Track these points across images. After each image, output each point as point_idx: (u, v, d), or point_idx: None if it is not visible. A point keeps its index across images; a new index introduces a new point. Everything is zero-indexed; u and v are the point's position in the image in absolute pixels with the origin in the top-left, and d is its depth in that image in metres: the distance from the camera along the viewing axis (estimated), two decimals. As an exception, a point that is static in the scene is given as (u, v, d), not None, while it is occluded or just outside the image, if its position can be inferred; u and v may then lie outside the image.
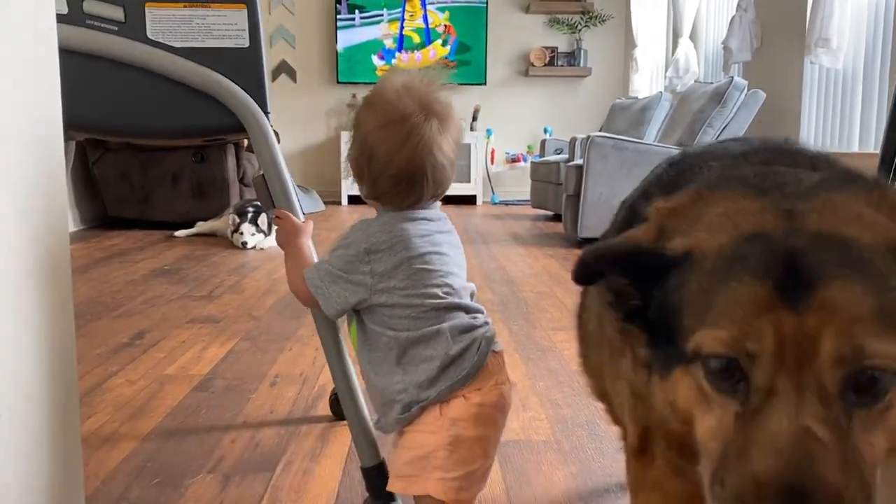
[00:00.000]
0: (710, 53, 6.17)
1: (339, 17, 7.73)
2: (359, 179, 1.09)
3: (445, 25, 7.85)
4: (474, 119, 7.88)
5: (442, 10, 7.82)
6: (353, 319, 1.13)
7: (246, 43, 1.18)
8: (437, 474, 1.02)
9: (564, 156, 6.39)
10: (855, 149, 4.18)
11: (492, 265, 3.96)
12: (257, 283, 3.37)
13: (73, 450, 0.96)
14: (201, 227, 4.94)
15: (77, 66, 1.11)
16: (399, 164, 1.04)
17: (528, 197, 7.06)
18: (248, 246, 4.37)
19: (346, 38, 7.78)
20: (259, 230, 4.42)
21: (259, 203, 2.11)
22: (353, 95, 7.85)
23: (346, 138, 7.51)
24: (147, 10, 1.14)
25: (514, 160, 8.02)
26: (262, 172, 1.22)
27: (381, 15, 7.80)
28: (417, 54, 7.85)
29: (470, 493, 1.05)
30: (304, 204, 1.24)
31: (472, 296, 1.14)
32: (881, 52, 3.88)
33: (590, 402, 1.90)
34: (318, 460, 1.55)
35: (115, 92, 1.16)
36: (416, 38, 7.87)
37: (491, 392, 1.05)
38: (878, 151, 1.54)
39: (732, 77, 4.55)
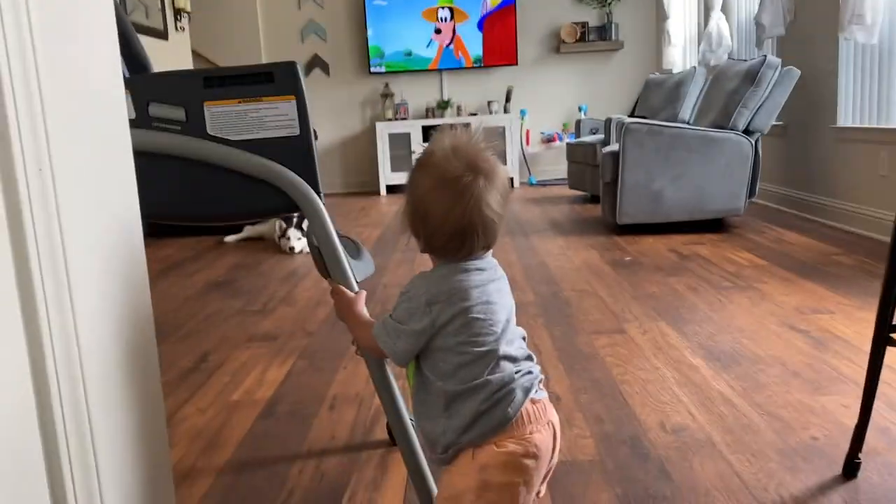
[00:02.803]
0: (742, 27, 6.09)
1: (367, 4, 7.77)
2: (415, 235, 1.18)
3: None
4: (507, 100, 7.91)
5: (470, -7, 7.81)
6: (412, 364, 1.22)
7: (297, 131, 1.29)
8: None
9: (600, 136, 6.40)
10: (894, 124, 4.14)
11: (532, 261, 4.04)
12: (308, 294, 3.51)
13: (167, 490, 1.09)
14: (249, 231, 5.11)
15: (149, 163, 1.22)
16: (452, 221, 1.12)
17: (564, 176, 7.09)
18: (296, 251, 4.52)
19: (376, 28, 7.83)
20: (304, 234, 4.57)
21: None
22: (386, 85, 7.93)
23: (380, 129, 7.61)
24: (206, 109, 1.25)
25: (549, 140, 8.03)
26: (317, 245, 1.33)
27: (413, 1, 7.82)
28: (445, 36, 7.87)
29: None
30: (356, 271, 1.35)
31: (523, 339, 1.21)
32: (918, 26, 3.81)
33: (632, 416, 2.00)
34: (380, 490, 1.68)
35: (182, 184, 1.28)
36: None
37: (523, 441, 1.12)
38: None
39: (766, 56, 4.51)
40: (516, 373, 1.16)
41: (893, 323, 1.58)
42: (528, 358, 1.19)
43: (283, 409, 2.16)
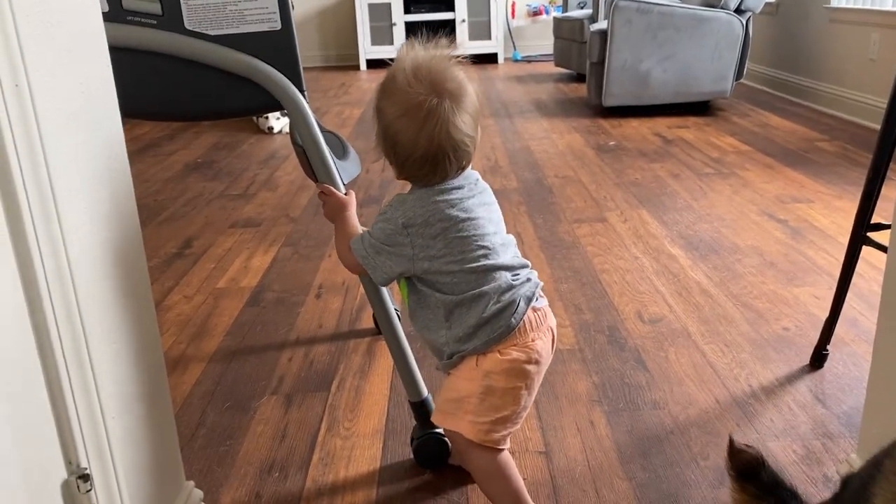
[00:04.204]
0: None
1: None
2: (390, 162, 1.16)
3: None
4: (493, -30, 7.57)
5: None
6: (403, 280, 1.22)
7: (278, 25, 1.23)
8: (469, 417, 1.16)
9: (588, 11, 6.20)
10: (889, 6, 4.03)
11: (516, 144, 4.01)
12: (290, 178, 3.48)
13: (160, 377, 1.12)
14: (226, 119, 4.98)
15: (121, 60, 1.18)
16: (421, 148, 1.09)
17: (550, 51, 6.91)
18: (275, 131, 4.43)
19: None
20: (284, 113, 4.46)
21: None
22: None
23: (359, 1, 7.27)
24: (182, 3, 1.19)
25: (535, 13, 7.77)
26: (301, 144, 1.31)
27: None
28: None
29: (500, 434, 1.18)
30: (343, 172, 1.33)
31: (515, 246, 1.22)
32: None
33: (610, 305, 2.05)
34: (368, 378, 1.74)
35: (159, 81, 1.24)
36: None
37: (526, 348, 1.15)
38: None
39: (764, -71, 4.32)
40: (514, 280, 1.16)
41: (872, 222, 1.61)
42: (524, 266, 1.20)
43: (269, 297, 2.20)
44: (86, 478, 0.88)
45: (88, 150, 0.93)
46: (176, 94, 1.26)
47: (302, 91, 1.27)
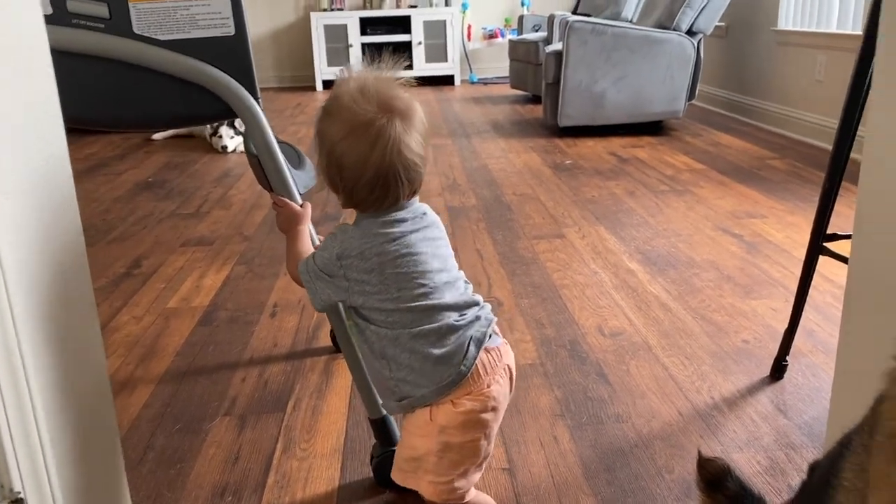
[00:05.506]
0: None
1: None
2: (334, 190, 1.09)
3: None
4: (448, -7, 7.63)
5: None
6: (348, 310, 1.15)
7: (231, 31, 1.20)
8: (429, 477, 1.09)
9: (543, 34, 6.27)
10: (833, 28, 4.16)
11: (474, 163, 4.01)
12: (243, 196, 3.42)
13: (105, 399, 1.06)
14: (178, 128, 4.89)
15: (67, 65, 1.13)
16: (371, 169, 1.03)
17: (506, 74, 6.97)
18: (229, 150, 4.36)
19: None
20: (238, 132, 4.40)
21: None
22: (322, -27, 7.53)
23: (315, 19, 7.28)
24: (131, 6, 1.14)
25: (491, 36, 7.84)
26: (255, 153, 1.27)
27: None
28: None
29: (465, 485, 1.12)
30: (298, 181, 1.30)
31: (466, 283, 1.14)
32: (864, -72, 3.78)
33: (571, 320, 2.04)
34: (325, 397, 1.68)
35: (105, 87, 1.19)
36: None
37: (481, 396, 1.06)
38: (857, 32, 1.49)
39: (713, -46, 4.42)
40: (459, 320, 1.08)
41: (828, 233, 1.62)
42: (473, 304, 1.11)
43: (222, 317, 2.13)
44: (19, 502, 0.81)
45: (31, 169, 0.88)
46: (124, 100, 1.21)
47: (256, 97, 1.23)
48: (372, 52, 1.09)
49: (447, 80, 7.57)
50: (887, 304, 1.14)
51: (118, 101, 1.21)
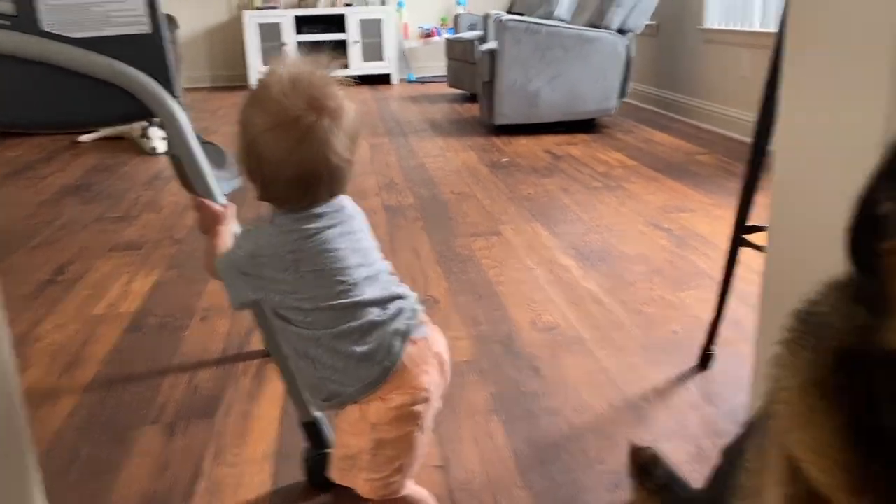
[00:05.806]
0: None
1: None
2: (251, 179, 1.04)
3: None
4: (384, -8, 7.60)
5: None
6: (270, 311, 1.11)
7: (147, 28, 1.16)
8: (364, 475, 1.07)
9: (479, 32, 6.30)
10: (756, 27, 4.29)
11: (412, 162, 4.00)
12: (174, 198, 3.34)
13: (13, 413, 1.01)
14: (107, 129, 4.75)
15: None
16: (291, 168, 0.98)
17: (444, 72, 6.98)
18: (159, 151, 4.25)
19: None
20: (169, 134, 4.29)
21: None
22: (255, -29, 7.42)
23: (248, 18, 7.16)
24: (40, 2, 1.10)
25: (428, 35, 7.84)
26: (174, 153, 1.24)
27: None
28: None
29: (400, 483, 1.09)
30: (222, 182, 1.27)
31: (391, 274, 1.10)
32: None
33: (506, 316, 2.05)
34: (257, 401, 1.66)
35: (15, 88, 1.14)
36: None
37: (411, 389, 1.04)
38: (776, 31, 1.53)
39: (641, -46, 4.51)
40: (381, 315, 1.05)
41: (748, 224, 1.67)
42: (396, 297, 1.08)
43: (151, 322, 2.08)
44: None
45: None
46: (36, 101, 1.17)
47: (175, 95, 1.20)
48: (307, 51, 1.05)
49: (384, 79, 7.54)
50: (801, 293, 1.18)
51: (30, 102, 1.17)
